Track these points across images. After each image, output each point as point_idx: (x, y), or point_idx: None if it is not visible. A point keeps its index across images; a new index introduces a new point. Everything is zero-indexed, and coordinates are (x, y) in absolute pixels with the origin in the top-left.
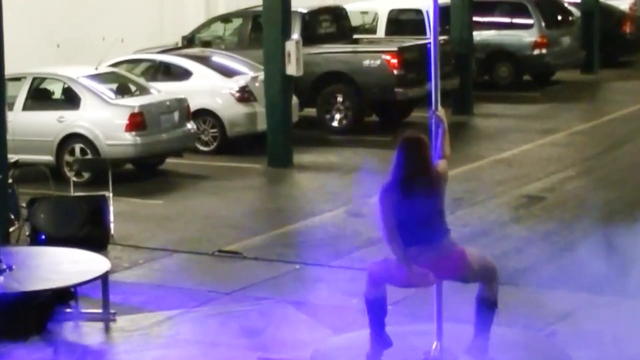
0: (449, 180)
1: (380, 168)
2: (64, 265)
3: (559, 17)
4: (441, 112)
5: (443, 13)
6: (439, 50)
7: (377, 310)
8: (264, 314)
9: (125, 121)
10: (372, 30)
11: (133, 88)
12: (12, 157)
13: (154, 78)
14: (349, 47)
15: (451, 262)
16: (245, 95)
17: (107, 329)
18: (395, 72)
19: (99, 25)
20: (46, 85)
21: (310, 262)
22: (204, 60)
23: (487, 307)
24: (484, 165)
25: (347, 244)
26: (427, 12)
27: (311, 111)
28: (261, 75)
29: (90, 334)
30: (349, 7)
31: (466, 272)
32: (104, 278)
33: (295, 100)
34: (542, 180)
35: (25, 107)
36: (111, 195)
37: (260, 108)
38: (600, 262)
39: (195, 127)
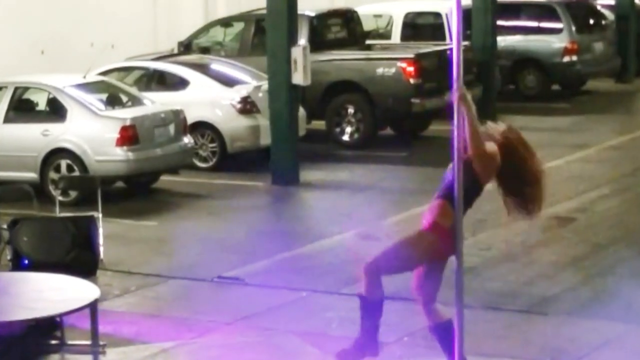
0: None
1: (395, 186)
2: (48, 293)
3: (591, 21)
4: (464, 91)
5: (464, 17)
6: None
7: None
8: (268, 346)
9: (115, 135)
10: (387, 35)
11: (124, 98)
12: None
13: (147, 87)
14: (361, 54)
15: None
16: (247, 106)
17: None
18: (411, 81)
19: (87, 29)
20: (29, 95)
21: (319, 289)
22: (202, 68)
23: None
24: None
25: (358, 270)
26: (447, 15)
27: (320, 124)
28: (265, 85)
29: None
30: (361, 10)
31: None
32: (92, 307)
33: (302, 112)
34: (573, 200)
35: (7, 120)
36: (100, 215)
37: (263, 120)
38: (636, 289)
39: (192, 141)
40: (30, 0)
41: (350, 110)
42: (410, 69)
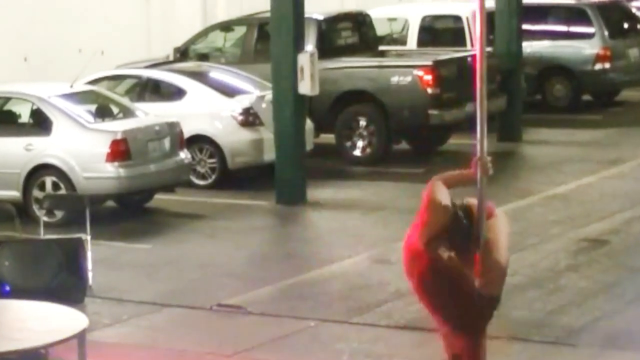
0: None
1: (411, 205)
2: (32, 322)
3: (626, 25)
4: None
5: (486, 20)
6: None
7: None
8: None
9: (105, 149)
10: (402, 40)
11: (115, 110)
12: None
13: (140, 98)
14: (373, 61)
15: None
16: (249, 118)
17: None
18: (429, 90)
19: (75, 34)
20: (11, 106)
21: (328, 318)
22: (200, 77)
23: None
24: (535, 202)
25: (371, 297)
26: (467, 18)
27: (328, 137)
28: (269, 95)
29: None
30: (374, 13)
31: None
32: (80, 337)
33: (309, 124)
34: (605, 221)
35: None
36: (89, 238)
37: (267, 134)
38: None
39: (189, 156)
40: (11, 3)
41: (362, 122)
42: (428, 77)
